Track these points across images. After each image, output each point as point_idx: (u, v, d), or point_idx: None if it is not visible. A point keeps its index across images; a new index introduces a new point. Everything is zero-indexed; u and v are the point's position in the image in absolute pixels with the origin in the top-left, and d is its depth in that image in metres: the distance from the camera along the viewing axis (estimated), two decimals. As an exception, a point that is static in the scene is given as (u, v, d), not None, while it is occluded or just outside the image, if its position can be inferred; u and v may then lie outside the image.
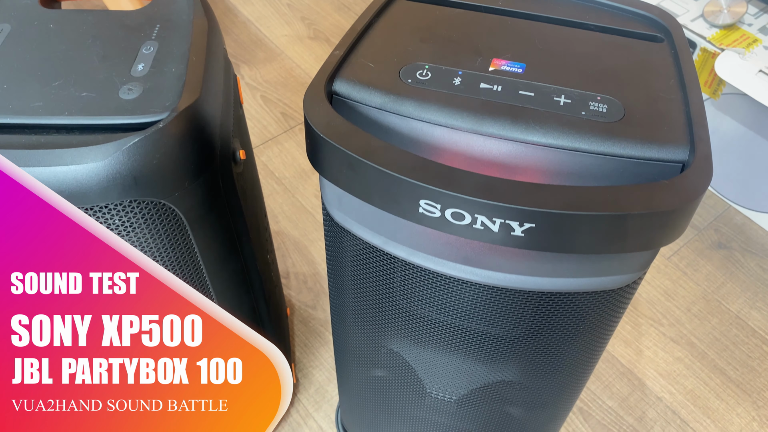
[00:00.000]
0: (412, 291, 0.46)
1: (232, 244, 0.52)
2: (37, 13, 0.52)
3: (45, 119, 0.43)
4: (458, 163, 0.40)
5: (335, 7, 1.29)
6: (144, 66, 0.47)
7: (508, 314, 0.45)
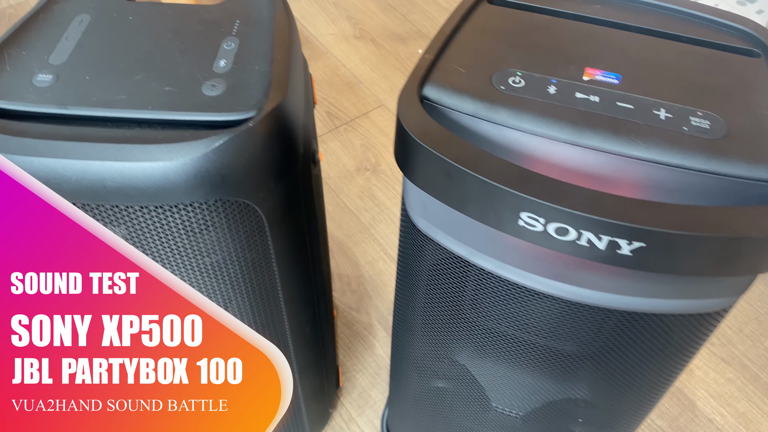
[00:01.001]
0: (491, 304, 0.45)
1: (304, 245, 0.51)
2: (116, 3, 0.51)
3: (129, 113, 0.43)
4: (554, 175, 0.39)
5: (381, 7, 1.28)
6: (226, 62, 0.46)
7: (590, 331, 0.44)
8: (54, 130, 0.41)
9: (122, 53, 0.47)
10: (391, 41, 1.23)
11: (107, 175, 0.40)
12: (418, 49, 1.20)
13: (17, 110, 0.43)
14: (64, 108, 0.43)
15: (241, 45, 0.48)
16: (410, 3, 1.29)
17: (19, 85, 0.44)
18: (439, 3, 1.28)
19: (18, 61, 0.46)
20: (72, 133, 0.41)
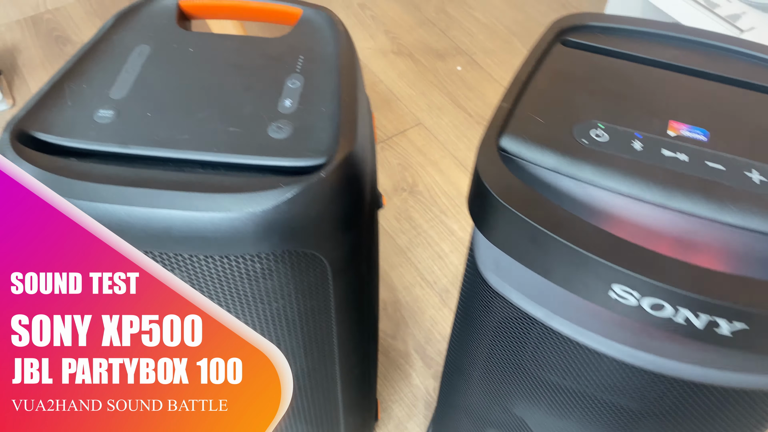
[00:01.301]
0: (561, 363, 0.43)
1: (363, 290, 0.49)
2: (176, 34, 0.50)
3: (193, 154, 0.41)
4: (641, 238, 0.37)
5: (419, 21, 1.26)
6: (291, 102, 0.45)
7: (664, 398, 0.42)
8: (117, 172, 0.40)
9: (184, 88, 0.46)
10: (429, 57, 1.21)
11: (173, 224, 0.38)
12: (457, 66, 1.18)
13: (79, 148, 0.42)
14: (126, 147, 0.42)
15: (306, 83, 0.46)
16: (449, 18, 1.27)
17: (80, 121, 0.43)
18: (478, 19, 1.27)
19: (79, 95, 0.45)
20: (136, 177, 0.39)
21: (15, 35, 1.23)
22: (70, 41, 1.22)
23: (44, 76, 1.15)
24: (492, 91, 1.15)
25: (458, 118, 1.11)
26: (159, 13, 0.51)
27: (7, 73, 1.16)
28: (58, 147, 0.42)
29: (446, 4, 1.30)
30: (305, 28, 0.51)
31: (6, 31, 1.23)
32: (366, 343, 0.56)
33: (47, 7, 1.28)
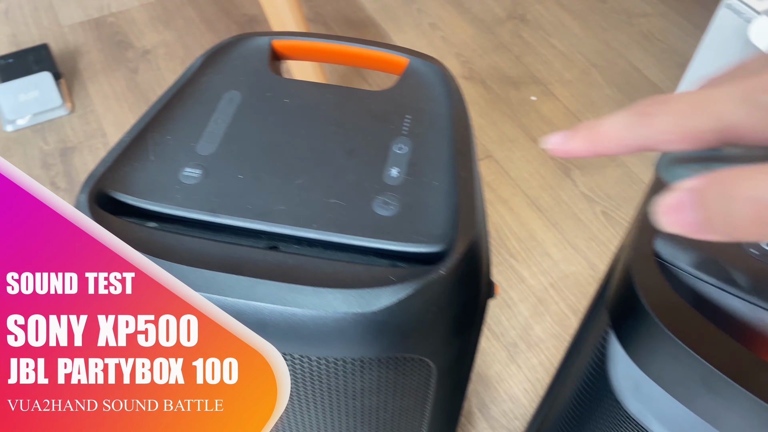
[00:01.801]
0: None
1: (464, 385, 0.44)
2: (268, 79, 0.45)
3: (290, 229, 0.36)
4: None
5: (493, 45, 1.20)
6: (399, 172, 0.39)
7: None
8: (205, 249, 0.35)
9: (278, 146, 0.40)
10: (502, 84, 1.14)
11: (269, 320, 0.33)
12: (531, 95, 1.12)
13: (162, 213, 0.37)
14: (215, 215, 0.37)
15: (414, 149, 0.41)
16: (524, 44, 1.20)
17: (164, 180, 0.38)
18: (555, 46, 1.20)
19: (163, 148, 0.40)
20: (228, 258, 0.34)
21: (78, 37, 1.20)
22: (132, 46, 1.19)
23: (104, 82, 1.13)
24: (568, 125, 1.08)
25: (531, 152, 1.04)
26: (250, 53, 0.46)
27: (67, 76, 1.14)
28: (139, 210, 0.37)
29: (522, 29, 1.23)
30: (412, 80, 0.45)
31: (69, 33, 1.21)
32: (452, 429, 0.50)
33: (111, 10, 1.26)
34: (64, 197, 0.95)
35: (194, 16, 1.24)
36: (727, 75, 0.21)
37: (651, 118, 0.20)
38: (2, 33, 1.20)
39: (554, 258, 0.93)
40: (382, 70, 0.47)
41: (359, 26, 1.23)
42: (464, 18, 1.25)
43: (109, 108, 1.09)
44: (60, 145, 1.04)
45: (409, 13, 1.25)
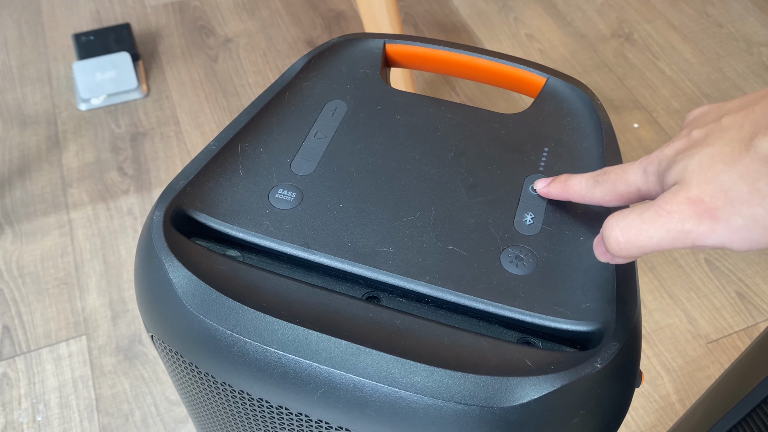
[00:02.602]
0: None
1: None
2: (379, 90, 0.38)
3: (397, 279, 0.29)
4: None
5: (595, 64, 1.11)
6: (534, 217, 0.32)
7: None
8: (292, 293, 0.28)
9: (387, 172, 0.34)
10: (600, 107, 1.05)
11: (369, 398, 0.26)
12: (634, 122, 1.02)
13: (248, 242, 0.31)
14: (308, 251, 0.30)
15: (554, 191, 0.33)
16: (628, 65, 1.10)
17: (253, 202, 0.32)
18: (662, 70, 1.09)
19: (254, 163, 0.34)
20: (321, 311, 0.28)
21: (160, 19, 1.17)
22: (214, 33, 1.15)
23: (182, 68, 1.09)
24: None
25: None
26: (360, 57, 0.40)
27: (146, 58, 1.10)
28: (221, 236, 0.31)
29: (627, 49, 1.13)
30: (550, 105, 0.38)
31: (152, 14, 1.18)
32: None
33: (196, -6, 1.22)
34: (130, 184, 0.91)
35: (280, 7, 1.19)
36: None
37: (597, 185, 0.28)
38: (86, 9, 1.18)
39: (648, 306, 0.83)
40: (514, 89, 0.40)
41: (451, 31, 1.16)
42: (565, 31, 1.16)
43: (185, 95, 1.05)
44: (131, 129, 1.01)
45: (506, 21, 1.17)
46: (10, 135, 0.99)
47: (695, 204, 0.22)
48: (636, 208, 0.24)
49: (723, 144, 0.23)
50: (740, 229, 0.22)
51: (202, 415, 0.35)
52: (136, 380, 0.76)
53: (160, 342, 0.31)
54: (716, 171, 0.22)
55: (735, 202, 0.22)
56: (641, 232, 0.23)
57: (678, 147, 0.25)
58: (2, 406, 0.74)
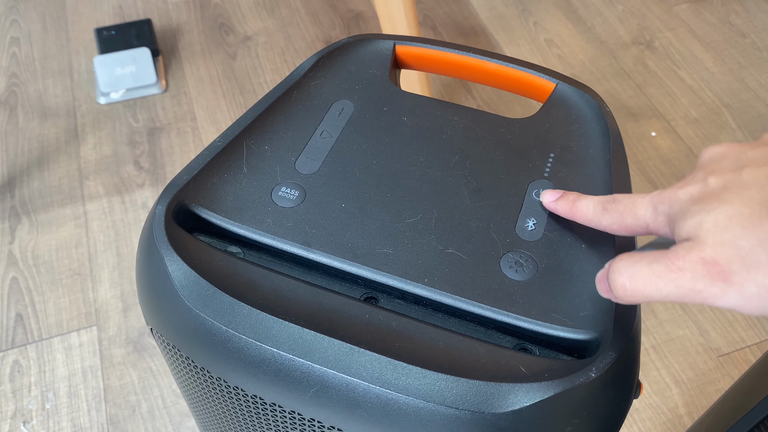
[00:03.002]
0: None
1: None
2: (387, 92, 0.38)
3: (394, 280, 0.29)
4: None
5: (614, 71, 1.10)
6: (536, 223, 0.32)
7: None
8: (290, 291, 0.29)
9: (391, 173, 0.34)
10: (619, 114, 1.04)
11: (361, 399, 0.26)
12: (652, 131, 1.01)
13: (249, 238, 0.31)
14: (308, 250, 0.30)
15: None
16: (648, 72, 1.09)
17: (255, 199, 0.32)
18: (683, 79, 1.08)
19: (259, 160, 0.34)
20: (318, 310, 0.28)
21: (181, 15, 1.18)
22: (233, 31, 1.16)
23: (201, 64, 1.10)
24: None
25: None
26: (369, 58, 0.40)
27: (165, 54, 1.11)
28: (222, 231, 0.31)
29: (647, 57, 1.12)
30: (558, 111, 0.37)
31: (173, 10, 1.19)
32: None
33: (218, -8, 1.23)
34: (145, 178, 0.92)
35: (299, 6, 1.20)
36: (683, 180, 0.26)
37: (605, 213, 0.28)
38: (109, 4, 1.20)
39: (660, 317, 0.82)
40: (523, 94, 0.40)
41: (470, 34, 1.15)
42: (584, 37, 1.15)
43: (203, 91, 1.06)
44: (149, 123, 1.02)
45: (525, 25, 1.17)
46: (31, 126, 1.01)
47: (709, 265, 0.22)
48: (645, 257, 0.23)
49: (742, 203, 0.22)
50: (753, 297, 0.21)
51: (200, 409, 0.35)
52: (144, 372, 0.77)
53: (158, 335, 0.31)
54: (734, 234, 0.21)
55: (751, 269, 0.21)
56: (650, 283, 0.23)
57: (692, 193, 0.24)
58: (12, 393, 0.75)
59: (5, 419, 0.74)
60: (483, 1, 1.21)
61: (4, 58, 1.11)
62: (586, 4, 1.21)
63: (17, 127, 1.01)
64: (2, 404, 0.74)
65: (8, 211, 0.91)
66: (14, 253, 0.87)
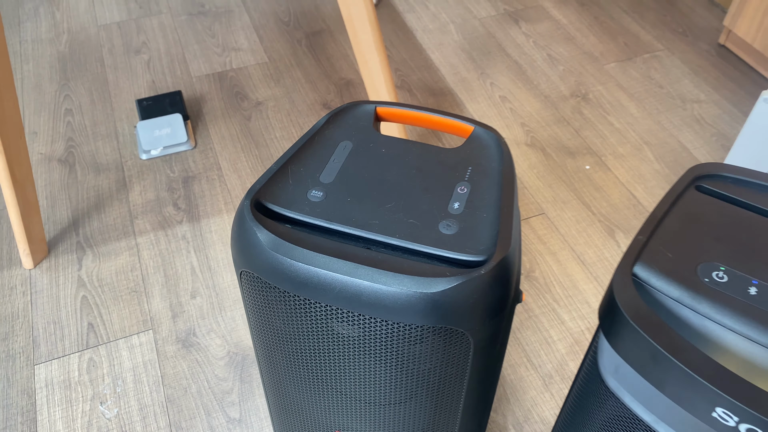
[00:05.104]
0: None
1: (494, 366, 0.58)
2: (372, 135, 0.62)
3: (381, 237, 0.53)
4: (746, 372, 0.44)
5: (555, 119, 1.36)
6: (459, 205, 0.56)
7: None
8: (323, 243, 0.52)
9: (376, 181, 0.58)
10: (560, 153, 1.30)
11: (363, 291, 0.49)
12: (586, 165, 1.26)
13: (296, 218, 0.55)
14: (330, 223, 0.54)
15: (472, 191, 0.57)
16: (583, 119, 1.36)
17: (298, 198, 0.56)
18: (611, 123, 1.34)
19: (298, 175, 0.58)
20: (338, 250, 0.51)
21: (204, 87, 1.44)
22: (247, 98, 1.42)
23: (222, 125, 1.35)
24: (617, 193, 1.22)
25: (581, 214, 1.18)
26: (360, 114, 0.64)
27: (193, 118, 1.37)
28: (281, 215, 0.55)
29: (583, 106, 1.39)
30: (476, 143, 0.62)
31: (197, 83, 1.45)
32: (482, 413, 0.64)
33: (232, 66, 1.50)
34: (183, 216, 1.15)
35: (300, 76, 1.46)
36: None
37: None
38: (145, 80, 1.46)
39: (593, 307, 1.05)
40: (455, 134, 0.64)
41: (439, 94, 1.42)
42: (531, 93, 1.42)
43: (225, 147, 1.31)
44: (183, 173, 1.26)
45: (483, 86, 1.44)
46: (87, 179, 1.25)
47: None
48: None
49: None
50: None
51: (265, 326, 0.58)
52: (192, 363, 0.99)
53: (248, 274, 0.54)
54: None
55: None
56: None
57: None
58: (90, 382, 0.97)
59: (86, 401, 0.95)
60: (449, 68, 1.48)
61: (62, 125, 1.36)
62: (533, 67, 1.49)
63: (77, 180, 1.25)
64: (82, 390, 0.96)
65: (75, 245, 1.14)
66: (83, 278, 1.09)
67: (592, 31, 1.59)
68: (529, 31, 1.59)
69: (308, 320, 0.54)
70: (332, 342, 0.54)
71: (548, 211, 1.20)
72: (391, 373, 0.54)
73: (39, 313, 1.05)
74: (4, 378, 0.97)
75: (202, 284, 1.09)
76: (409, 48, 1.55)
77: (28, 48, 1.54)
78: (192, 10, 1.66)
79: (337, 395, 0.61)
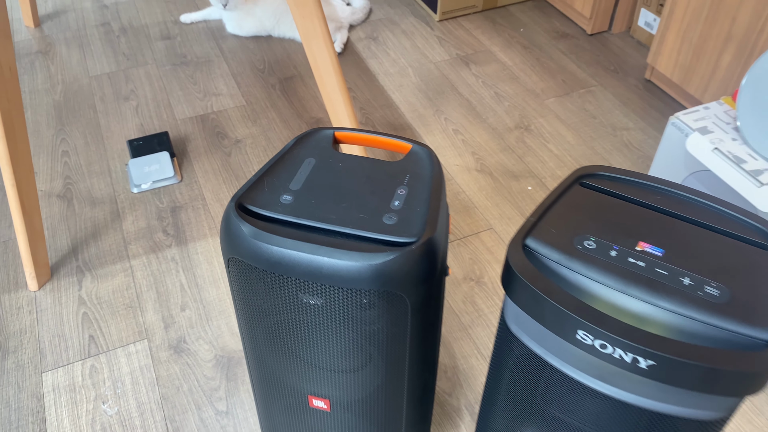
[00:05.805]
0: (553, 392, 0.65)
1: (430, 329, 0.73)
2: (331, 152, 0.79)
3: (338, 227, 0.68)
4: (607, 310, 0.60)
5: (501, 147, 1.54)
6: (399, 203, 0.71)
7: (622, 424, 0.62)
8: (292, 232, 0.67)
9: (334, 187, 0.73)
10: (505, 177, 1.47)
11: (323, 265, 0.65)
12: (528, 186, 1.44)
13: (271, 216, 0.70)
14: (298, 219, 0.69)
15: (409, 192, 0.73)
16: (526, 147, 1.54)
17: (272, 201, 0.71)
18: (551, 150, 1.53)
19: (272, 184, 0.73)
20: (304, 236, 0.67)
21: (188, 128, 1.60)
22: (227, 137, 1.58)
23: (205, 161, 1.51)
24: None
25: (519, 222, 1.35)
26: (322, 138, 0.81)
27: (179, 156, 1.52)
28: (259, 215, 0.70)
29: (526, 136, 1.57)
30: (413, 157, 0.78)
31: (182, 124, 1.61)
32: (427, 371, 0.79)
33: (213, 109, 1.66)
34: (171, 241, 1.30)
35: (275, 117, 1.63)
36: None
37: None
38: (134, 123, 1.62)
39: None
40: (397, 151, 0.81)
41: (399, 129, 1.60)
42: (481, 126, 1.61)
43: (208, 180, 1.47)
44: (171, 204, 1.41)
45: (438, 121, 1.62)
46: (84, 211, 1.39)
47: None
48: None
49: None
50: None
51: (250, 304, 0.73)
52: (183, 366, 1.12)
53: (234, 260, 0.69)
54: None
55: None
56: None
57: None
58: (93, 385, 1.09)
59: (90, 401, 1.07)
60: (408, 106, 1.67)
61: (59, 165, 1.50)
62: (482, 103, 1.68)
63: (75, 212, 1.39)
64: (86, 392, 1.08)
65: (75, 269, 1.28)
66: (83, 297, 1.23)
67: (534, 71, 1.80)
68: (479, 73, 1.79)
69: (282, 293, 0.69)
70: (302, 312, 0.69)
71: (495, 227, 1.36)
72: (350, 337, 0.69)
73: (44, 329, 1.17)
74: (15, 384, 1.09)
75: (191, 298, 1.22)
76: (372, 89, 1.73)
77: (26, 98, 1.69)
78: (175, 60, 1.83)
79: (308, 366, 0.75)
